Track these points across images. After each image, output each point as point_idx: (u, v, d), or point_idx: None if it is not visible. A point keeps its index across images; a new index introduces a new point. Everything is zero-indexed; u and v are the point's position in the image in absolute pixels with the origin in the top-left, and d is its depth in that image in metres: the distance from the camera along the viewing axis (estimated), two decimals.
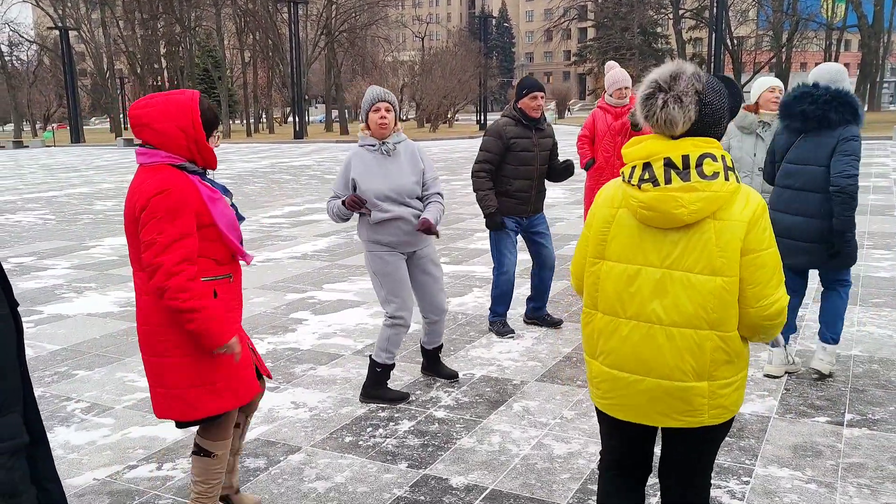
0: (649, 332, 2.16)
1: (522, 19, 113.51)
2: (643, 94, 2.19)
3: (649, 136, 2.21)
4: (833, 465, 3.58)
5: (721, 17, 33.87)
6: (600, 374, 2.29)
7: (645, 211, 2.14)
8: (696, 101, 2.13)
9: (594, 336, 2.30)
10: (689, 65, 2.22)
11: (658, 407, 2.19)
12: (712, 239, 2.10)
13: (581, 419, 4.16)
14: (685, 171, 2.10)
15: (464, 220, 11.63)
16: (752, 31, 50.19)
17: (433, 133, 45.88)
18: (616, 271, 2.22)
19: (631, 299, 2.19)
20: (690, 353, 2.13)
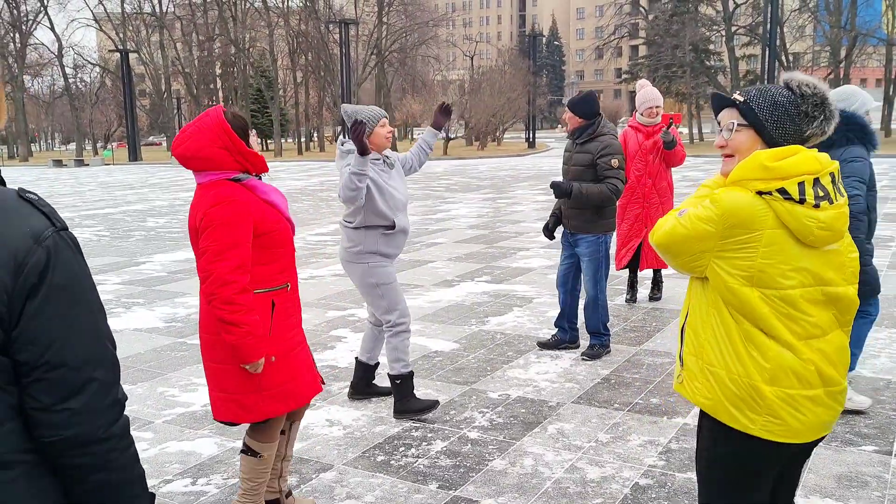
0: (820, 344, 2.10)
1: (573, 37, 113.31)
2: (818, 100, 2.10)
3: (799, 148, 2.08)
4: (879, 496, 3.44)
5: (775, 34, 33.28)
6: (783, 398, 2.07)
7: (822, 231, 2.03)
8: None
9: (770, 358, 2.08)
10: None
11: (828, 417, 2.14)
12: (843, 250, 2.14)
13: (616, 443, 4.08)
14: (837, 186, 2.10)
15: (506, 239, 11.59)
16: (809, 47, 49.16)
17: (481, 151, 45.96)
18: (779, 298, 2.05)
19: (800, 319, 2.07)
20: (843, 353, 2.16)
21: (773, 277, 2.04)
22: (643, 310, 6.96)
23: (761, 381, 2.06)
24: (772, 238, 2.02)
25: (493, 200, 17.74)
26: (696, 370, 2.19)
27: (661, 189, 6.88)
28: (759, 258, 2.03)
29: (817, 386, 2.08)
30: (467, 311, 7.13)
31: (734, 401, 2.09)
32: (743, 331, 2.08)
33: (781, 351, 2.05)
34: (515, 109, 50.63)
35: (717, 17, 46.11)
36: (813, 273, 2.06)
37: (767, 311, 2.05)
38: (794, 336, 2.06)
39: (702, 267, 2.13)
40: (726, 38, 44.10)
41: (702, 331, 2.17)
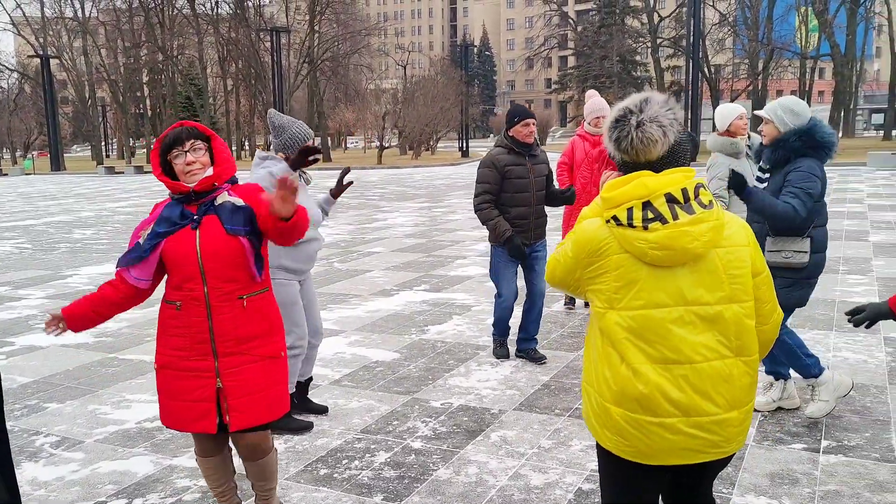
0: (682, 371, 2.08)
1: (504, 48, 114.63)
2: (613, 119, 2.19)
3: (636, 174, 2.13)
4: (810, 492, 3.57)
5: (697, 46, 34.37)
6: (627, 420, 2.12)
7: (657, 251, 2.06)
8: (676, 128, 2.15)
9: (617, 381, 2.13)
10: (659, 94, 2.22)
11: (695, 444, 2.10)
12: (719, 268, 2.10)
13: (558, 448, 4.13)
14: (687, 203, 2.09)
15: (443, 248, 11.63)
16: (729, 59, 50.98)
17: (415, 160, 46.04)
18: (631, 318, 2.10)
19: (653, 344, 2.09)
20: (727, 384, 2.11)
21: (625, 299, 2.10)
22: (580, 315, 7.07)
23: (609, 402, 2.15)
24: (619, 262, 2.11)
25: (429, 209, 17.78)
26: (583, 387, 2.32)
27: None
28: (612, 281, 2.12)
29: (668, 415, 2.07)
30: (407, 321, 7.11)
31: (597, 417, 2.21)
32: (604, 352, 2.16)
33: (628, 376, 2.10)
34: (448, 118, 50.95)
35: (642, 30, 47.41)
36: (674, 294, 2.08)
37: (622, 334, 2.10)
38: (647, 360, 2.08)
39: (584, 293, 2.25)
40: (652, 50, 45.38)
41: (586, 350, 2.31)
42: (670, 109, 2.16)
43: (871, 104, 69.44)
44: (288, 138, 4.26)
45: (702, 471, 2.27)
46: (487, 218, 5.46)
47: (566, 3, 76.71)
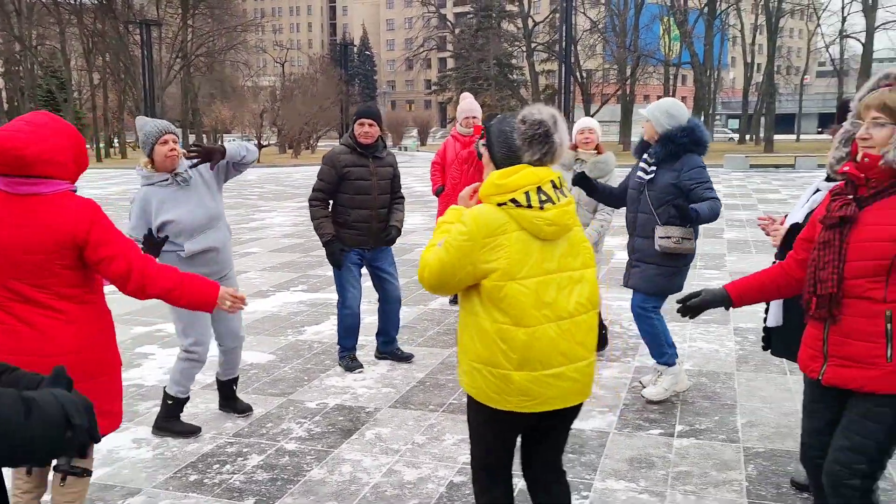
0: (567, 326, 2.51)
1: (384, 48, 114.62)
2: (540, 133, 2.55)
3: (520, 166, 2.53)
4: (664, 474, 3.82)
5: (569, 51, 35.58)
6: (530, 380, 2.47)
7: (550, 227, 2.49)
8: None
9: (517, 349, 2.46)
10: (553, 109, 2.66)
11: (575, 387, 2.55)
12: (577, 240, 2.60)
13: (432, 443, 4.22)
14: (560, 189, 2.56)
15: (322, 248, 11.52)
16: (600, 64, 53.06)
17: (295, 159, 45.32)
18: (529, 286, 2.46)
19: (548, 305, 2.48)
20: (591, 333, 2.60)
21: (523, 270, 2.46)
22: (454, 313, 7.21)
23: (512, 369, 2.48)
24: (517, 238, 2.47)
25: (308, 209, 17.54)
26: (463, 364, 2.62)
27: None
28: (510, 255, 2.46)
29: (559, 365, 2.51)
30: (283, 322, 7.04)
31: (492, 387, 2.51)
32: (496, 328, 2.48)
33: (526, 341, 2.46)
34: (328, 117, 50.43)
35: (518, 34, 48.58)
36: (558, 263, 2.52)
37: (523, 301, 2.45)
38: (543, 319, 2.47)
39: (469, 279, 2.51)
40: (527, 54, 46.56)
41: (464, 334, 2.60)
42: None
43: (728, 110, 74.20)
44: (144, 136, 4.14)
45: (569, 415, 2.67)
46: (314, 217, 5.36)
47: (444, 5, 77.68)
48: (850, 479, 2.51)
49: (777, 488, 3.66)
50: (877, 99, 2.43)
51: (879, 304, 2.41)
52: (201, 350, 4.33)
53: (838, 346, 2.52)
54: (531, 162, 2.55)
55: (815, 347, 2.61)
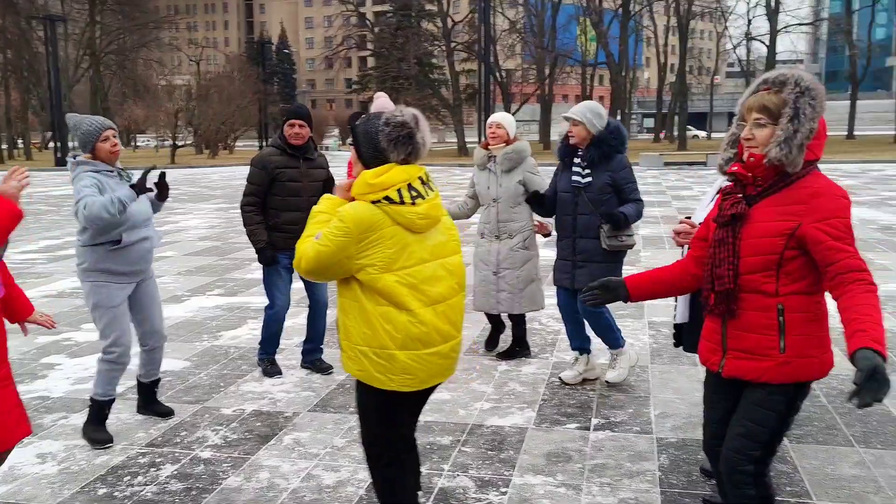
0: (442, 308, 2.75)
1: (303, 46, 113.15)
2: (403, 134, 2.71)
3: (389, 165, 2.70)
4: (580, 468, 3.89)
5: (489, 51, 35.94)
6: (412, 359, 2.70)
7: (422, 220, 2.71)
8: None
9: (400, 330, 2.67)
10: (415, 110, 2.81)
11: (448, 364, 2.83)
12: (446, 230, 2.84)
13: (352, 446, 4.18)
14: (427, 185, 2.76)
15: (240, 250, 11.32)
16: (519, 64, 53.75)
17: (212, 159, 44.30)
18: (406, 276, 2.67)
19: (424, 291, 2.70)
20: (461, 314, 2.87)
21: (400, 261, 2.66)
22: None
23: (396, 349, 2.68)
24: (392, 233, 2.66)
25: (226, 210, 17.21)
26: (348, 350, 2.78)
27: None
28: (386, 249, 2.64)
29: (437, 344, 2.75)
30: (198, 327, 6.87)
31: (377, 368, 2.70)
32: (379, 312, 2.67)
33: (408, 322, 2.67)
34: (247, 117, 49.48)
35: (437, 34, 48.69)
36: (430, 252, 2.74)
37: (401, 289, 2.65)
38: (420, 304, 2.69)
39: (348, 271, 2.68)
40: (447, 54, 46.71)
41: (347, 320, 2.75)
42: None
43: (644, 109, 76.31)
44: (82, 135, 4.10)
45: (431, 389, 2.91)
46: (248, 223, 5.28)
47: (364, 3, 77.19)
48: (744, 464, 2.60)
49: (688, 476, 3.77)
50: (757, 101, 2.54)
51: (772, 298, 2.51)
52: (122, 350, 4.26)
53: (736, 339, 2.61)
54: (397, 161, 2.71)
55: (715, 341, 2.71)
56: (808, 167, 2.52)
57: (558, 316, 6.93)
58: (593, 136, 4.76)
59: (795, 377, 2.54)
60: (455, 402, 4.85)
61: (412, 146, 2.73)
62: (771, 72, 2.60)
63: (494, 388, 5.10)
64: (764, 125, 2.52)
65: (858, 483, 3.66)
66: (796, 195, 2.48)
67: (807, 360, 2.53)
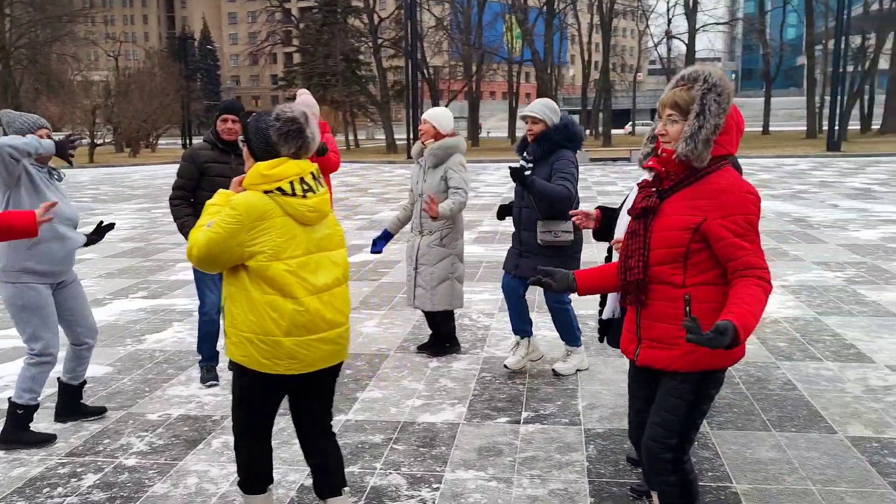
0: (327, 297, 2.88)
1: (226, 42, 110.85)
2: (293, 129, 2.84)
3: (282, 159, 2.83)
4: (511, 461, 3.95)
5: (416, 48, 35.93)
6: (298, 344, 2.81)
7: (312, 213, 2.84)
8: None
9: (286, 317, 2.77)
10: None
11: (335, 349, 2.95)
12: (331, 224, 2.98)
13: (281, 448, 4.14)
14: (318, 180, 2.91)
15: (164, 251, 11.04)
16: (446, 61, 53.90)
17: (134, 158, 42.99)
18: (293, 265, 2.78)
19: (310, 281, 2.82)
20: (346, 302, 3.01)
21: (288, 251, 2.78)
22: None
23: (281, 335, 2.79)
24: (282, 223, 2.78)
25: (149, 210, 16.74)
26: (233, 337, 2.86)
27: None
28: (276, 238, 2.75)
29: (323, 330, 2.87)
30: (121, 331, 6.67)
31: (263, 354, 2.81)
32: (266, 300, 2.76)
33: (294, 310, 2.78)
34: (169, 114, 48.17)
35: (364, 30, 48.40)
36: (316, 244, 2.87)
37: (289, 278, 2.76)
38: (306, 293, 2.80)
39: (238, 258, 2.77)
40: (374, 50, 46.49)
41: (234, 308, 2.85)
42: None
43: (569, 106, 77.55)
44: (15, 133, 4.06)
45: (331, 374, 3.07)
46: (177, 216, 5.20)
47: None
48: (662, 453, 2.68)
49: (615, 465, 3.87)
50: (670, 98, 2.63)
51: (679, 289, 2.59)
52: (55, 351, 4.21)
53: (648, 329, 2.70)
54: (288, 155, 2.84)
55: (631, 331, 2.80)
56: (718, 162, 2.58)
57: (488, 311, 7.03)
58: (545, 129, 4.90)
59: (702, 366, 2.61)
60: (386, 401, 4.85)
61: (302, 140, 2.85)
62: (687, 68, 2.67)
63: (426, 386, 5.12)
64: (676, 121, 2.60)
65: (774, 465, 3.82)
66: (704, 190, 2.55)
67: (713, 350, 2.55)
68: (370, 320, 6.83)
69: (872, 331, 6.12)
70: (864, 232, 11.17)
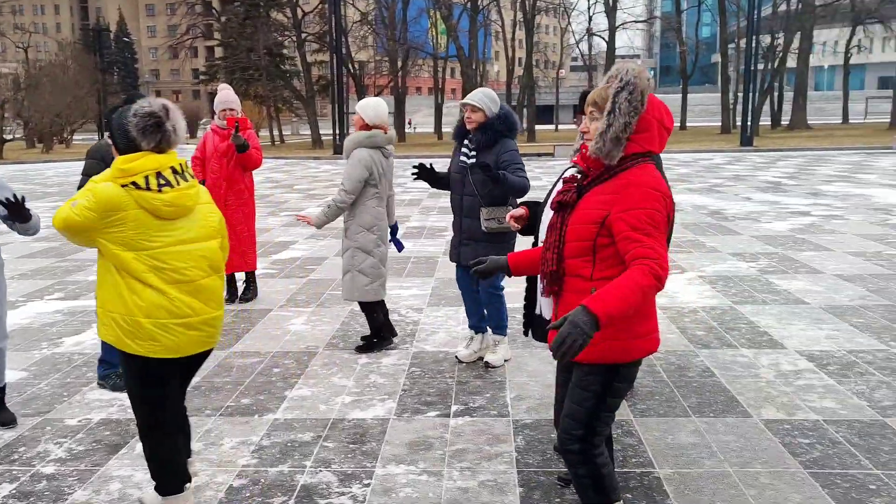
0: (191, 288, 2.99)
1: (144, 34, 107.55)
2: (151, 124, 2.93)
3: (143, 153, 2.94)
4: (441, 454, 3.98)
5: (340, 42, 35.62)
6: (157, 326, 2.93)
7: (168, 207, 2.93)
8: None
9: (145, 299, 2.91)
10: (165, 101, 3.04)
11: (202, 337, 3.07)
12: (201, 217, 3.07)
13: (209, 449, 4.07)
14: (182, 174, 3.00)
15: (81, 251, 10.66)
16: (371, 56, 53.57)
17: (46, 154, 41.29)
18: (149, 256, 2.91)
19: (171, 271, 2.94)
20: (216, 292, 3.11)
21: (142, 242, 2.90)
22: (232, 312, 6.99)
23: (140, 316, 2.92)
24: (135, 216, 2.89)
25: None
26: (102, 317, 3.02)
27: (238, 191, 6.98)
28: (129, 230, 2.88)
29: (187, 316, 2.98)
30: (37, 334, 6.43)
31: (127, 334, 2.95)
32: (126, 284, 2.92)
33: (153, 294, 2.91)
34: (84, 109, 46.43)
35: (288, 24, 47.67)
36: (175, 237, 2.97)
37: (141, 266, 2.90)
38: (163, 282, 2.93)
39: (93, 242, 2.93)
40: (297, 45, 45.84)
41: (101, 289, 3.02)
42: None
43: None
44: None
45: (198, 360, 3.20)
46: None
47: None
48: (570, 444, 2.73)
49: (542, 455, 3.95)
50: (592, 95, 2.70)
51: (588, 282, 2.64)
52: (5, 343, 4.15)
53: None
54: (151, 149, 2.94)
55: (552, 321, 2.85)
56: (635, 160, 2.61)
57: (417, 306, 7.06)
58: (485, 120, 4.99)
59: (606, 359, 2.65)
60: (315, 398, 4.82)
61: (161, 134, 2.95)
62: (615, 66, 2.70)
63: (355, 382, 5.11)
64: (596, 118, 2.67)
65: (695, 450, 3.97)
66: (613, 186, 2.60)
67: (618, 343, 2.63)
68: (298, 318, 6.77)
69: (784, 318, 6.40)
70: (776, 224, 11.66)
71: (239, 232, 6.99)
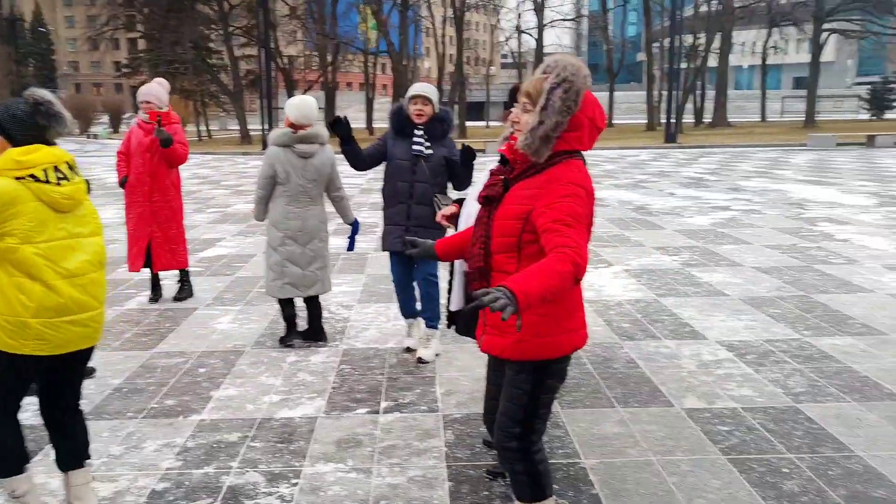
0: (79, 282, 2.99)
1: (62, 24, 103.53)
2: (54, 111, 2.97)
3: (37, 146, 2.94)
4: (370, 451, 3.97)
5: (269, 37, 35.03)
6: (46, 325, 2.91)
7: (66, 200, 2.96)
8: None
9: (34, 299, 2.88)
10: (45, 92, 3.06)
11: (87, 332, 3.06)
12: (88, 213, 3.10)
13: (130, 453, 3.96)
14: (74, 170, 3.04)
15: None
16: (301, 51, 52.88)
17: None
18: (44, 249, 2.90)
19: (61, 265, 2.93)
20: (100, 287, 3.12)
21: (37, 235, 2.89)
22: (153, 312, 6.81)
23: (29, 317, 2.89)
24: (33, 209, 2.88)
25: None
26: None
27: (163, 188, 6.80)
28: (27, 223, 2.86)
29: (73, 313, 2.98)
30: None
31: (10, 335, 2.91)
32: (14, 282, 2.87)
33: (43, 293, 2.89)
34: None
35: (214, 17, 46.61)
36: (67, 231, 2.98)
37: (38, 261, 2.88)
38: (56, 277, 2.92)
39: None
40: (224, 38, 44.91)
41: None
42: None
43: None
44: None
45: (82, 357, 3.17)
46: None
47: None
48: (507, 441, 2.74)
49: (471, 449, 3.98)
50: (525, 86, 2.61)
51: None
52: None
53: (490, 316, 2.73)
54: (48, 137, 2.98)
55: (481, 317, 2.85)
56: (563, 156, 2.57)
57: (347, 303, 7.01)
58: (435, 113, 5.18)
59: (532, 356, 2.64)
60: (242, 398, 4.74)
61: (61, 117, 3.00)
62: (553, 56, 2.62)
63: (283, 381, 5.04)
64: (528, 110, 2.58)
65: (619, 440, 4.06)
66: (538, 181, 2.55)
67: (544, 340, 2.62)
68: (224, 316, 6.64)
69: (705, 310, 6.61)
70: (698, 218, 12.01)
71: (166, 229, 6.82)
